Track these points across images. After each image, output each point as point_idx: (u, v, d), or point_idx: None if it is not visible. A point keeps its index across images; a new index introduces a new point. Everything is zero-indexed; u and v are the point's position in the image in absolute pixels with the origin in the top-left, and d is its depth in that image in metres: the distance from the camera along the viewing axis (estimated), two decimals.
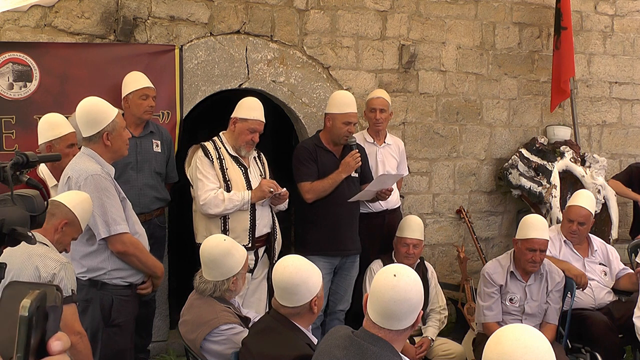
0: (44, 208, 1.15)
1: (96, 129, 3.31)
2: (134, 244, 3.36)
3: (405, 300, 2.21)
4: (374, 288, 2.28)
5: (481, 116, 5.96)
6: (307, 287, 2.72)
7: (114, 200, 3.29)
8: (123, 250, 3.31)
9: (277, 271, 2.76)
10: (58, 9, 4.62)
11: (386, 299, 2.22)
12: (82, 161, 3.32)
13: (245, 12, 5.11)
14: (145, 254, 3.44)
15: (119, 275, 3.35)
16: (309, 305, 2.73)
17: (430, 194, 5.84)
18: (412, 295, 2.23)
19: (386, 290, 2.23)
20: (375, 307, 2.26)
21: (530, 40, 6.10)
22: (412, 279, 2.27)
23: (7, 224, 1.03)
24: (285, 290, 2.72)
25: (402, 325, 2.24)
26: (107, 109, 3.37)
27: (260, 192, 4.08)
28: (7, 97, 4.45)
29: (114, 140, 3.34)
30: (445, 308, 4.74)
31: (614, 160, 6.48)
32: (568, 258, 4.56)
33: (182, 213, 4.87)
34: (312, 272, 2.78)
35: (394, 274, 2.24)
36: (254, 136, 4.16)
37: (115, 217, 3.26)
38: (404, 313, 2.23)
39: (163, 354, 4.93)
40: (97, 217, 3.22)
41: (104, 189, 3.25)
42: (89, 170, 3.25)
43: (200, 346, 2.96)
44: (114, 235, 3.26)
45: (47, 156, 1.54)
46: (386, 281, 2.24)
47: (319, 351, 2.39)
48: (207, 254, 3.11)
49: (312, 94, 5.33)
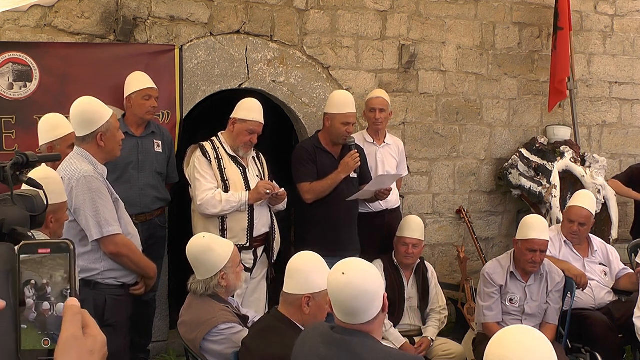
0: (44, 208, 1.15)
1: (90, 129, 3.30)
2: (127, 245, 3.35)
3: (364, 293, 2.20)
4: (330, 290, 2.28)
5: (481, 116, 5.96)
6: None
7: (106, 201, 3.27)
8: (116, 251, 3.30)
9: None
10: (58, 9, 4.62)
11: (344, 298, 2.21)
12: (75, 162, 3.30)
13: (245, 12, 5.11)
14: (137, 255, 3.43)
15: (112, 276, 3.34)
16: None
17: (430, 194, 5.84)
18: (367, 286, 2.22)
19: (341, 290, 2.22)
20: (337, 308, 2.26)
21: (530, 40, 6.10)
22: (362, 269, 2.26)
23: (7, 224, 1.04)
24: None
25: (370, 316, 2.23)
26: (102, 110, 3.36)
27: (256, 194, 4.07)
28: (7, 97, 4.45)
29: (107, 141, 3.33)
30: (446, 308, 4.74)
31: (614, 160, 6.48)
32: (568, 258, 4.56)
33: (182, 213, 4.87)
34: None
35: (342, 272, 2.23)
36: (253, 137, 4.16)
37: (107, 218, 3.25)
38: (367, 305, 2.22)
39: (163, 354, 4.93)
40: (90, 218, 3.21)
41: (97, 190, 3.24)
42: (81, 171, 3.23)
43: (200, 346, 2.96)
44: (106, 236, 3.25)
45: (47, 156, 1.54)
46: (338, 281, 2.23)
47: (302, 353, 2.37)
48: (189, 253, 3.14)
49: (312, 94, 5.33)
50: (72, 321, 0.95)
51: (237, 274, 3.18)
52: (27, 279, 0.96)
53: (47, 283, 0.97)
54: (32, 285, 0.96)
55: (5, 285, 0.96)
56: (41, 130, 3.95)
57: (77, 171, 3.24)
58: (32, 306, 0.96)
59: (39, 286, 0.96)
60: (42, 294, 0.96)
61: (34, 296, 0.96)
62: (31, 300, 0.96)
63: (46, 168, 3.06)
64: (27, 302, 0.96)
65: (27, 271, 0.96)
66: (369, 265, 2.32)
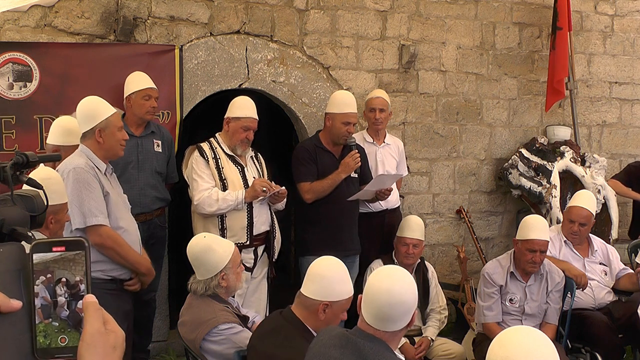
0: (44, 208, 1.15)
1: (90, 125, 3.39)
2: (112, 237, 3.35)
3: (401, 303, 2.20)
4: (367, 291, 2.26)
5: (481, 116, 5.96)
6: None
7: (93, 193, 3.30)
8: (100, 242, 3.31)
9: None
10: (58, 9, 4.62)
11: (381, 302, 2.20)
12: (72, 157, 3.40)
13: (245, 12, 5.11)
14: (125, 249, 3.41)
15: (100, 269, 3.33)
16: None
17: (430, 194, 5.84)
18: (406, 297, 2.21)
19: (381, 294, 2.21)
20: (370, 309, 2.24)
21: (530, 40, 6.10)
22: (406, 281, 2.25)
23: (7, 224, 1.04)
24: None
25: (398, 327, 2.24)
26: (103, 107, 3.44)
27: (253, 192, 4.08)
28: (7, 97, 4.45)
29: (106, 137, 3.39)
30: (446, 308, 4.74)
31: (614, 160, 6.48)
32: (568, 258, 4.56)
33: (182, 213, 4.87)
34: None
35: (386, 277, 2.23)
36: (248, 134, 4.18)
37: (92, 209, 3.27)
38: (399, 315, 2.21)
39: (163, 354, 4.93)
40: (74, 208, 3.24)
41: (83, 180, 3.28)
42: (73, 163, 3.31)
43: (200, 346, 2.96)
44: (89, 226, 3.28)
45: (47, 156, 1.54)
46: (380, 284, 2.22)
47: (314, 352, 2.36)
48: (190, 253, 3.14)
49: (312, 94, 5.33)
50: (94, 316, 0.96)
51: (237, 274, 3.18)
52: (58, 277, 0.97)
53: (80, 280, 0.98)
54: (64, 283, 0.97)
55: (17, 285, 0.96)
56: (53, 130, 3.90)
57: (69, 164, 3.32)
58: (64, 304, 0.97)
59: (71, 284, 0.98)
60: (76, 292, 0.98)
61: (65, 294, 0.97)
62: (63, 298, 0.97)
63: (47, 168, 3.08)
64: (59, 301, 0.97)
65: (58, 270, 0.97)
66: (412, 278, 2.31)
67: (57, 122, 3.94)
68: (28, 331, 0.95)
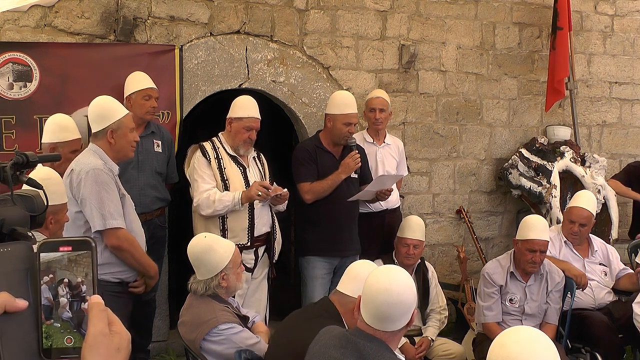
0: (44, 208, 1.15)
1: (102, 125, 3.42)
2: (129, 239, 3.39)
3: (399, 302, 2.20)
4: (366, 291, 2.27)
5: (481, 116, 5.96)
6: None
7: (112, 195, 3.33)
8: (117, 244, 3.34)
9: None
10: (58, 9, 4.62)
11: (380, 302, 2.21)
12: (87, 156, 3.41)
13: (245, 12, 5.11)
14: (139, 252, 3.46)
15: (109, 271, 3.35)
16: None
17: (430, 194, 5.84)
18: (405, 297, 2.22)
19: (379, 294, 2.21)
20: (369, 309, 2.25)
21: (530, 40, 6.10)
22: (404, 280, 2.25)
23: (7, 224, 1.03)
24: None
25: (397, 326, 2.24)
26: (116, 108, 3.47)
27: (248, 194, 4.03)
28: (7, 97, 4.45)
29: (118, 138, 3.42)
30: (446, 308, 4.73)
31: (614, 160, 6.48)
32: (568, 258, 4.56)
33: (182, 213, 4.87)
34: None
35: (384, 277, 2.23)
36: (251, 134, 4.17)
37: (112, 211, 3.30)
38: (398, 315, 2.22)
39: (163, 354, 4.93)
40: (94, 209, 3.27)
41: (104, 182, 3.30)
42: (91, 164, 3.32)
43: (200, 346, 2.96)
44: (109, 229, 3.30)
45: (47, 156, 1.54)
46: (379, 284, 2.23)
47: (314, 352, 2.36)
48: (190, 253, 3.15)
49: (312, 94, 5.33)
50: (99, 317, 0.95)
51: (237, 274, 3.18)
52: (60, 277, 0.96)
53: (82, 281, 0.97)
54: (66, 284, 0.97)
55: (25, 284, 0.96)
56: (47, 129, 3.95)
57: (87, 164, 3.32)
58: (65, 305, 0.96)
59: (73, 285, 0.97)
60: (77, 293, 0.97)
61: (67, 295, 0.97)
62: (65, 299, 0.96)
63: (47, 168, 3.08)
64: (60, 302, 0.96)
65: (60, 270, 0.96)
66: (410, 278, 2.31)
67: (51, 120, 4.02)
68: (34, 331, 0.95)
